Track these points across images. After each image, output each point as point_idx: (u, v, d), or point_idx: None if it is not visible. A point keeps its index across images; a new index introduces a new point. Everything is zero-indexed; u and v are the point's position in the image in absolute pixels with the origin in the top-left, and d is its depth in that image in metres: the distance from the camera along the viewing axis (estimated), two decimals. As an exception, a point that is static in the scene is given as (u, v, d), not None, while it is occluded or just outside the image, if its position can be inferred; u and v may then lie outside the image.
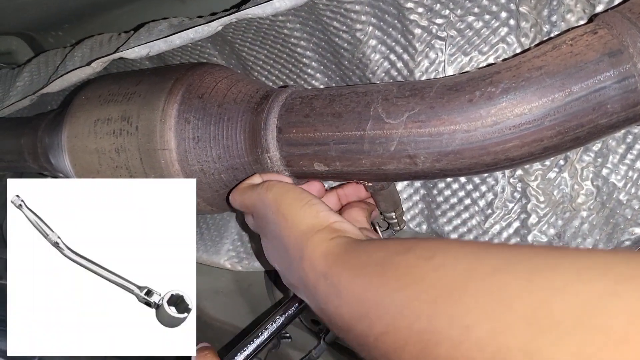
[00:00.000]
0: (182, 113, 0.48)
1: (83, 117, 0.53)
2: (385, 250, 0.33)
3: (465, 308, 0.25)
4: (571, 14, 0.45)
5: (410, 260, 0.30)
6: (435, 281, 0.28)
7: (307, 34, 0.54)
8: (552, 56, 0.36)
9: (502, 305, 0.24)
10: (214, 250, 0.67)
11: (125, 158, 0.50)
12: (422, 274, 0.29)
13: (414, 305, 0.28)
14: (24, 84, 0.67)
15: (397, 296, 0.29)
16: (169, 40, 0.46)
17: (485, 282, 0.26)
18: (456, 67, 0.50)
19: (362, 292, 0.31)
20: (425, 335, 0.26)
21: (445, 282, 0.27)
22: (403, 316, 0.28)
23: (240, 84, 0.51)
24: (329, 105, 0.44)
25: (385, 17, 0.49)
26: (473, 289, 0.26)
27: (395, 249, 0.32)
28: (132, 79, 0.53)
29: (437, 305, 0.27)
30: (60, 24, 0.76)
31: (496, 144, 0.37)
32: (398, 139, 0.40)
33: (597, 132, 0.36)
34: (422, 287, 0.28)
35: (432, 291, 0.27)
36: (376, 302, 0.30)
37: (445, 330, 0.25)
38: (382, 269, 0.31)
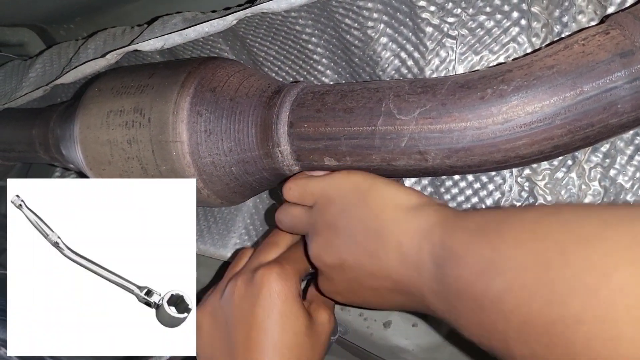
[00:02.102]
0: (194, 106, 0.48)
1: (96, 109, 0.54)
2: (501, 212, 0.31)
3: (603, 254, 0.23)
4: (582, 15, 0.46)
5: (533, 216, 0.29)
6: (564, 233, 0.26)
7: (319, 30, 0.54)
8: (564, 55, 0.36)
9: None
10: (221, 244, 0.68)
11: (137, 149, 0.51)
12: (548, 227, 0.27)
13: (542, 257, 0.26)
14: (36, 75, 0.68)
15: (521, 250, 0.27)
16: (184, 34, 0.47)
17: (623, 229, 0.24)
18: (467, 66, 0.50)
19: (481, 250, 0.29)
20: (555, 286, 0.24)
21: (577, 233, 0.25)
22: (528, 270, 0.26)
23: (252, 78, 0.51)
24: (341, 100, 0.44)
25: (397, 15, 0.50)
26: (609, 236, 0.24)
27: (511, 210, 0.30)
28: (144, 72, 0.54)
29: (568, 255, 0.24)
30: (72, 17, 0.77)
31: (506, 141, 0.38)
32: (409, 135, 0.40)
33: (607, 131, 0.37)
34: (550, 239, 0.26)
35: (562, 242, 0.25)
36: (497, 259, 0.28)
37: (579, 279, 0.23)
38: (502, 227, 0.29)
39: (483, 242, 0.30)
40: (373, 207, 0.38)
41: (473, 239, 0.30)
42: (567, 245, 0.25)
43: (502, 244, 0.28)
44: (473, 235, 0.31)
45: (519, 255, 0.27)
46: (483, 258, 0.29)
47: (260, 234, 0.67)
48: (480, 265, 0.29)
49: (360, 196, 0.39)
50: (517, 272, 0.27)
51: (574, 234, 0.25)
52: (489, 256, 0.29)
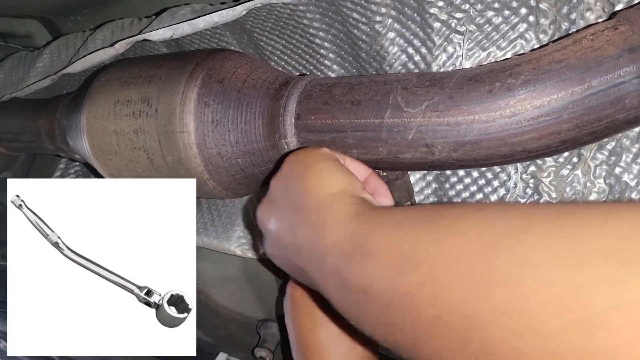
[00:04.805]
0: (202, 97, 0.49)
1: (103, 99, 0.54)
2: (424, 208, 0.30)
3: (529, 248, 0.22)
4: (590, 12, 0.46)
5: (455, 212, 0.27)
6: (488, 228, 0.24)
7: (327, 24, 0.55)
8: (573, 50, 0.37)
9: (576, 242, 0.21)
10: (224, 237, 0.68)
11: (143, 139, 0.51)
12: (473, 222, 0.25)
13: (463, 251, 0.24)
14: (44, 65, 0.68)
15: (441, 245, 0.26)
16: (193, 24, 0.47)
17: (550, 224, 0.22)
18: (473, 62, 0.50)
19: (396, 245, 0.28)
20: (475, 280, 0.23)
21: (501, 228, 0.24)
22: (446, 264, 0.25)
23: (259, 70, 0.51)
24: (348, 93, 0.44)
25: (405, 10, 0.50)
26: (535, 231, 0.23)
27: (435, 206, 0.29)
28: (152, 63, 0.54)
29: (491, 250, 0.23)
30: (80, 9, 0.77)
31: (514, 135, 0.38)
32: (416, 128, 0.41)
33: (614, 127, 0.37)
34: (473, 234, 0.25)
35: (485, 237, 0.24)
36: (413, 253, 0.27)
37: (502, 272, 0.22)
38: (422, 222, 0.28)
39: (400, 238, 0.28)
40: (306, 183, 0.37)
41: (389, 236, 0.29)
42: (491, 239, 0.24)
43: (419, 240, 0.27)
44: (390, 231, 0.29)
45: (438, 251, 0.26)
46: (397, 253, 0.28)
47: (264, 227, 0.68)
48: (392, 260, 0.28)
49: (301, 171, 0.39)
50: (434, 267, 0.25)
51: (497, 229, 0.24)
52: (405, 251, 0.27)
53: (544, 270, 0.21)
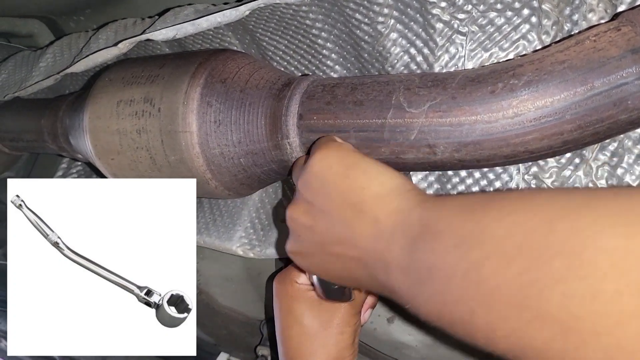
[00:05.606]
0: (204, 96, 0.49)
1: (106, 98, 0.54)
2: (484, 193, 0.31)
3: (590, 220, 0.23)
4: (593, 13, 0.46)
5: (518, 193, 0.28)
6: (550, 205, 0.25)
7: (329, 25, 0.55)
8: (575, 51, 0.37)
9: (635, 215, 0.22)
10: (226, 237, 0.68)
11: (146, 139, 0.51)
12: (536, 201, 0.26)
13: (525, 226, 0.25)
14: (47, 64, 0.68)
15: (504, 222, 0.26)
16: (197, 24, 0.47)
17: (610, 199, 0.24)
18: (476, 63, 0.50)
19: (461, 224, 0.29)
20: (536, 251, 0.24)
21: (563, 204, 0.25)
22: (508, 238, 0.25)
23: (262, 70, 0.51)
24: (351, 93, 0.44)
25: (407, 11, 0.50)
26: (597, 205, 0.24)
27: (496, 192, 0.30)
28: (155, 62, 0.54)
29: (553, 223, 0.24)
30: (82, 9, 0.78)
31: (516, 135, 0.38)
32: (418, 128, 0.41)
33: (617, 127, 0.37)
34: (536, 210, 0.25)
35: (548, 212, 0.25)
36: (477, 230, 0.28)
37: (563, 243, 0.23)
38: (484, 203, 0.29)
39: (465, 218, 0.29)
40: (355, 182, 0.38)
41: (455, 217, 0.30)
42: (552, 214, 0.25)
43: (483, 218, 0.28)
44: (454, 213, 0.30)
45: (501, 227, 0.26)
46: (462, 231, 0.29)
47: (266, 227, 0.68)
48: (457, 238, 0.29)
49: (343, 170, 0.39)
50: (497, 242, 0.26)
51: (559, 205, 0.25)
52: (469, 229, 0.28)
53: (603, 239, 0.22)
